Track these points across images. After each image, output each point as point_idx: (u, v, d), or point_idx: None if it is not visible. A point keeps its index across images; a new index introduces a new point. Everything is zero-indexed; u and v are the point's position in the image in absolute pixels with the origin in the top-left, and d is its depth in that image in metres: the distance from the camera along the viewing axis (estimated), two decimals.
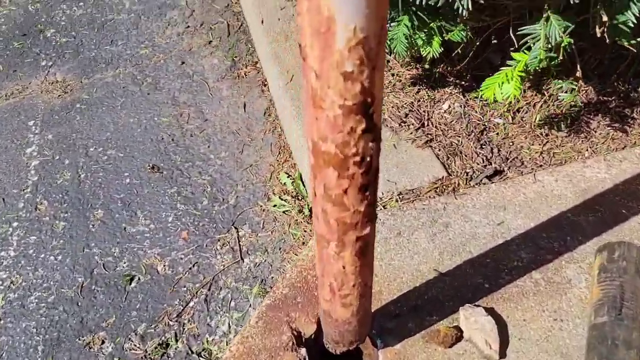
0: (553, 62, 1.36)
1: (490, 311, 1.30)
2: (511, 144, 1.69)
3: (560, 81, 1.40)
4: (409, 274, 1.40)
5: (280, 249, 1.71)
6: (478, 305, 1.30)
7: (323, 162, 0.77)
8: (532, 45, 1.32)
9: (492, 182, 1.60)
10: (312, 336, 1.33)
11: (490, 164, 1.65)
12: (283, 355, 1.28)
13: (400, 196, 1.58)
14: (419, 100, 1.79)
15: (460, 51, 1.65)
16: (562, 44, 1.25)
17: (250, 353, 1.29)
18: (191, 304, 1.61)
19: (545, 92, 1.75)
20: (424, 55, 1.47)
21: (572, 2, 1.23)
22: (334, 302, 1.05)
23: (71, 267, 1.73)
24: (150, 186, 1.94)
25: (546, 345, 1.25)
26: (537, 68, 1.33)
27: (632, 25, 1.30)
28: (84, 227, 1.84)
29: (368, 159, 0.76)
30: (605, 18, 1.27)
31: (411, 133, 1.71)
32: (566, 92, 1.47)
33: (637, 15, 1.28)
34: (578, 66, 1.41)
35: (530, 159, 1.65)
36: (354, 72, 0.64)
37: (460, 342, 1.26)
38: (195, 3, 2.70)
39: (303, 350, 1.30)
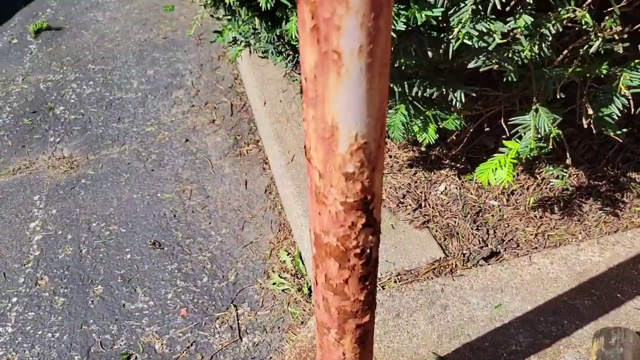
0: (543, 151, 1.42)
1: None
2: (506, 225, 1.73)
3: (551, 168, 1.46)
4: (408, 357, 1.40)
5: (279, 328, 1.71)
6: None
7: (325, 253, 0.80)
8: (522, 134, 1.39)
9: (489, 264, 1.62)
10: None
11: (487, 245, 1.68)
12: None
13: (399, 277, 1.60)
14: (416, 182, 1.85)
15: (454, 137, 1.73)
16: (551, 135, 1.32)
17: None
18: None
19: (538, 176, 1.81)
20: (420, 141, 1.54)
21: (558, 97, 1.30)
22: None
23: (68, 345, 1.72)
24: (151, 262, 1.96)
25: None
26: (529, 156, 1.39)
27: (616, 118, 1.37)
28: (83, 303, 1.84)
29: (368, 251, 0.80)
30: (590, 111, 1.34)
31: (409, 214, 1.76)
32: (557, 178, 1.52)
33: (621, 108, 1.36)
34: (568, 154, 1.47)
35: (525, 240, 1.68)
36: (355, 173, 0.69)
37: None
38: (201, 83, 2.82)
39: None
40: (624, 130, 1.45)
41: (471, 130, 1.67)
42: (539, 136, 1.35)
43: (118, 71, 2.99)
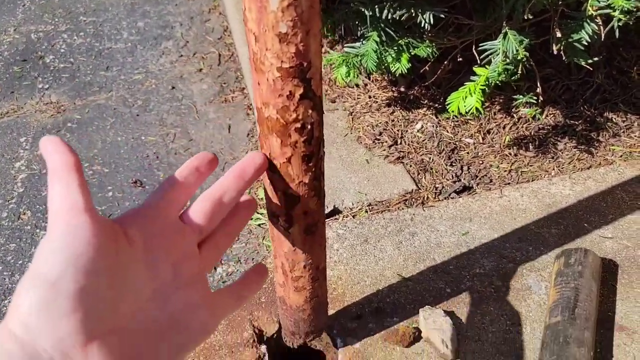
0: (513, 77, 1.42)
1: (450, 314, 1.32)
2: (480, 162, 1.74)
3: (521, 96, 1.46)
4: (373, 277, 1.42)
5: (252, 259, 1.73)
6: (438, 308, 1.32)
7: (267, 129, 0.82)
8: (492, 59, 1.40)
9: (460, 197, 1.64)
10: (274, 335, 1.34)
11: (460, 180, 1.69)
12: (243, 351, 1.29)
13: (370, 207, 1.61)
14: (393, 120, 1.85)
15: (428, 68, 1.73)
16: (519, 57, 1.32)
17: (211, 349, 1.30)
18: None
19: (515, 115, 1.81)
20: (393, 71, 1.54)
21: (526, 18, 1.31)
22: (287, 286, 1.07)
23: None
24: (132, 199, 1.98)
25: (503, 347, 1.26)
26: (498, 81, 1.40)
27: (585, 44, 1.37)
28: None
29: (309, 126, 0.81)
30: (559, 34, 1.34)
31: (384, 150, 1.77)
32: (526, 105, 1.53)
33: (590, 34, 1.36)
34: (538, 83, 1.47)
35: (498, 176, 1.70)
36: (288, 33, 0.70)
37: (418, 342, 1.28)
38: (190, 35, 2.82)
39: (263, 347, 1.31)
40: (595, 59, 1.45)
41: (446, 62, 1.67)
42: (507, 60, 1.36)
43: (109, 23, 2.99)
